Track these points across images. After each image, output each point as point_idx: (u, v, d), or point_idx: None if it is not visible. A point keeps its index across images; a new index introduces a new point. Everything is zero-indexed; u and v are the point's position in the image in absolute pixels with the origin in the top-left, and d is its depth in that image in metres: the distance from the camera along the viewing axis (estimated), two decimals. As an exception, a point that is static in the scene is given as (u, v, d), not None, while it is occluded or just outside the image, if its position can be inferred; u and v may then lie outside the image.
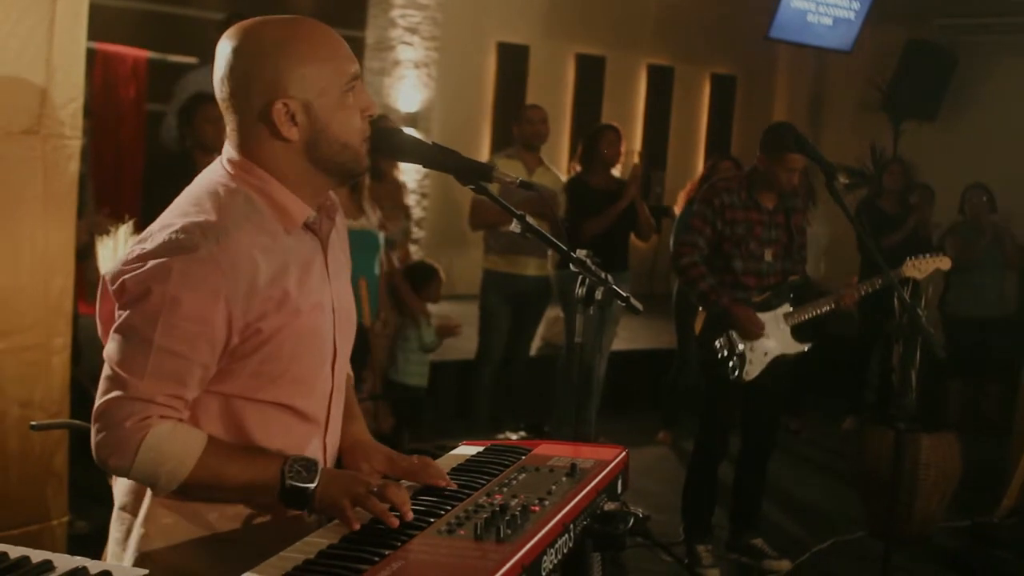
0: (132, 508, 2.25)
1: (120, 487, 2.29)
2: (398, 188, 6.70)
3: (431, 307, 6.87)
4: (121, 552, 2.26)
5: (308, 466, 2.14)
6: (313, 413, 2.28)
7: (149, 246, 2.10)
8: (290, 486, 2.12)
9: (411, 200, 9.19)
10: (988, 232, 8.63)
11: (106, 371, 2.13)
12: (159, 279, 2.06)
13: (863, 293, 5.59)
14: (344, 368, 2.41)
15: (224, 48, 2.20)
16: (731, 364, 5.44)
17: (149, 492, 2.21)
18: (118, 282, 2.11)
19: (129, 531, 2.25)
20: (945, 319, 8.86)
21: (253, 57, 2.17)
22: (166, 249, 2.08)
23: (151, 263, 2.07)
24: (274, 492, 2.14)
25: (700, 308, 5.57)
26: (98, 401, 2.12)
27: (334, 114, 2.18)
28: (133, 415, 2.08)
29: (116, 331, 2.11)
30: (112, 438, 2.10)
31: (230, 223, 2.12)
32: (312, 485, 2.12)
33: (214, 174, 2.24)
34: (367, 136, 2.25)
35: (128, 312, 2.10)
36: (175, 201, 2.21)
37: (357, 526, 2.06)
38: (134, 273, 2.09)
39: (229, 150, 2.24)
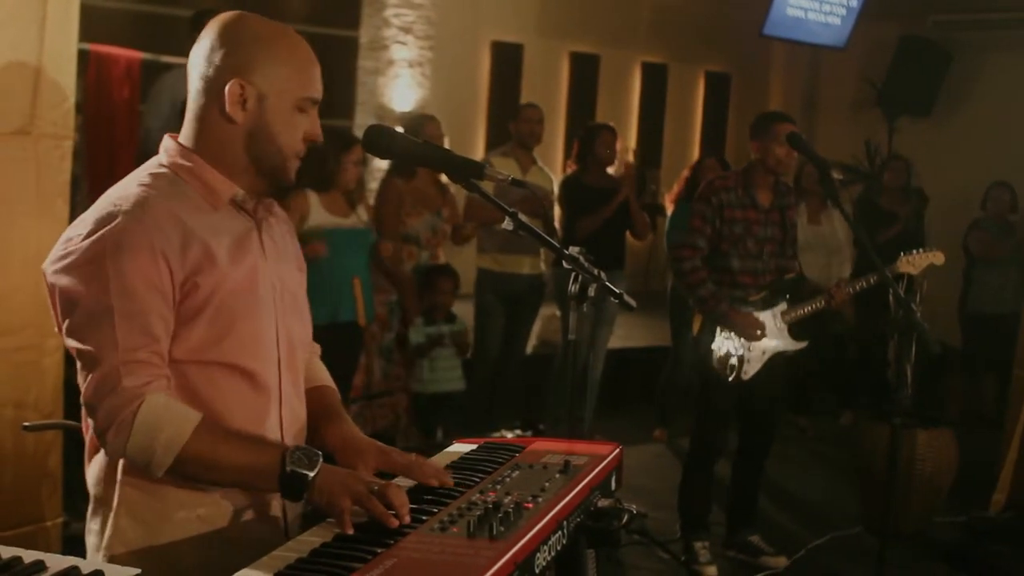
0: (106, 497, 2.26)
1: (92, 477, 2.30)
2: (431, 187, 6.68)
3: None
4: (99, 541, 2.27)
5: (309, 454, 2.15)
6: (263, 378, 2.29)
7: (81, 229, 2.17)
8: (291, 472, 2.12)
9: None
10: (1017, 230, 8.63)
11: (79, 363, 2.17)
12: (96, 255, 2.12)
13: (856, 290, 5.58)
14: (299, 349, 2.41)
15: (211, 26, 2.28)
16: (730, 364, 5.44)
17: (122, 476, 2.22)
18: (56, 271, 2.16)
19: (104, 520, 2.26)
20: (965, 316, 8.85)
21: (232, 38, 2.25)
22: (94, 227, 2.15)
23: (85, 243, 2.13)
24: (273, 478, 2.14)
25: (697, 312, 5.56)
26: (84, 387, 2.15)
27: (280, 117, 2.27)
28: (123, 378, 2.10)
29: (75, 323, 2.14)
30: (107, 408, 2.11)
31: (152, 194, 2.21)
32: (312, 473, 2.13)
33: (145, 165, 2.32)
34: (299, 156, 2.31)
35: (80, 300, 2.13)
36: (104, 193, 2.26)
37: (351, 530, 2.06)
38: (72, 260, 2.14)
39: (166, 140, 2.33)
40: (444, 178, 6.81)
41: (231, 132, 2.26)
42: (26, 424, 3.52)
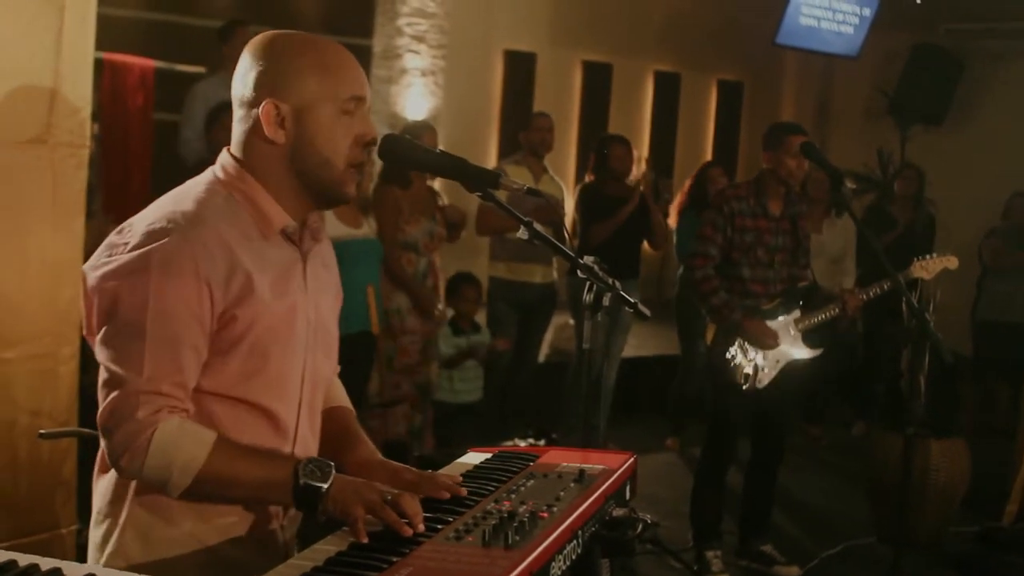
0: (112, 513, 2.26)
1: (100, 491, 2.29)
2: (425, 193, 6.69)
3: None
4: (99, 556, 2.27)
5: (322, 466, 2.15)
6: (284, 420, 2.28)
7: (129, 239, 2.14)
8: (304, 484, 2.12)
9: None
10: None
11: (103, 375, 2.14)
12: (140, 270, 2.10)
13: (870, 296, 5.58)
14: (320, 384, 2.41)
15: (245, 49, 2.27)
16: (744, 373, 5.44)
17: (129, 494, 2.22)
18: (97, 278, 2.14)
19: (108, 534, 2.26)
20: (976, 325, 8.83)
21: (261, 59, 2.23)
22: (143, 240, 2.12)
23: (131, 255, 2.11)
24: (287, 491, 2.14)
25: (710, 321, 5.56)
26: (102, 406, 2.13)
27: (323, 129, 2.22)
28: (140, 408, 2.09)
29: (108, 334, 2.13)
30: (122, 435, 2.10)
31: (206, 214, 2.18)
32: (325, 485, 2.12)
33: (202, 176, 2.29)
34: (357, 163, 2.26)
35: (116, 312, 2.11)
36: (159, 199, 2.25)
37: (365, 539, 2.06)
38: (114, 267, 2.12)
39: (224, 155, 2.30)
40: (436, 184, 6.87)
41: (275, 153, 2.23)
42: (42, 432, 3.54)
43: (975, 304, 8.84)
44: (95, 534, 2.30)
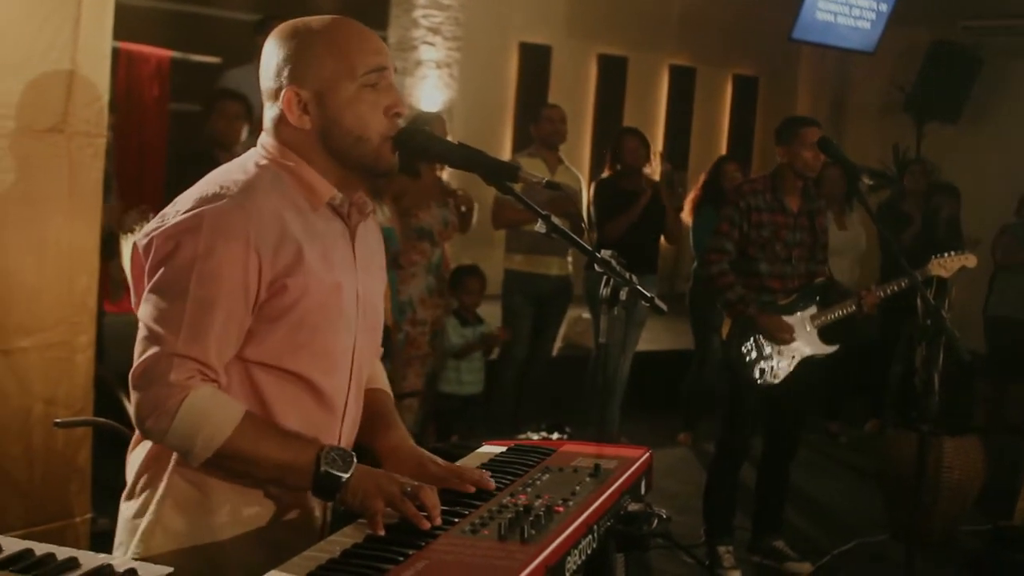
0: (150, 483, 2.25)
1: (135, 464, 2.28)
2: (435, 182, 6.69)
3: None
4: (128, 536, 2.25)
5: (344, 456, 2.15)
6: (331, 396, 2.28)
7: (180, 206, 2.15)
8: (325, 472, 2.12)
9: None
10: None
11: (142, 332, 2.13)
12: (191, 230, 2.10)
13: (886, 293, 5.57)
14: (366, 362, 2.41)
15: (266, 42, 2.29)
16: (760, 368, 5.43)
17: (171, 466, 2.21)
18: (148, 239, 2.14)
19: (142, 509, 2.25)
20: (988, 322, 8.80)
21: (279, 48, 2.25)
22: (196, 203, 2.13)
23: (182, 216, 2.12)
24: (307, 477, 2.14)
25: (726, 315, 5.54)
26: (136, 362, 2.12)
27: (348, 107, 2.22)
28: (173, 370, 2.08)
29: (150, 290, 2.13)
30: (152, 396, 2.09)
31: (258, 185, 2.19)
32: (346, 475, 2.12)
33: (247, 155, 2.31)
34: (390, 134, 2.26)
35: (162, 269, 2.11)
36: (205, 176, 2.25)
37: (382, 532, 2.06)
38: (165, 227, 2.12)
39: (264, 136, 2.31)
40: (444, 174, 6.87)
41: (305, 138, 2.24)
42: (57, 420, 3.55)
43: (987, 300, 8.81)
44: (128, 507, 2.28)
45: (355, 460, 2.16)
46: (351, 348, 2.31)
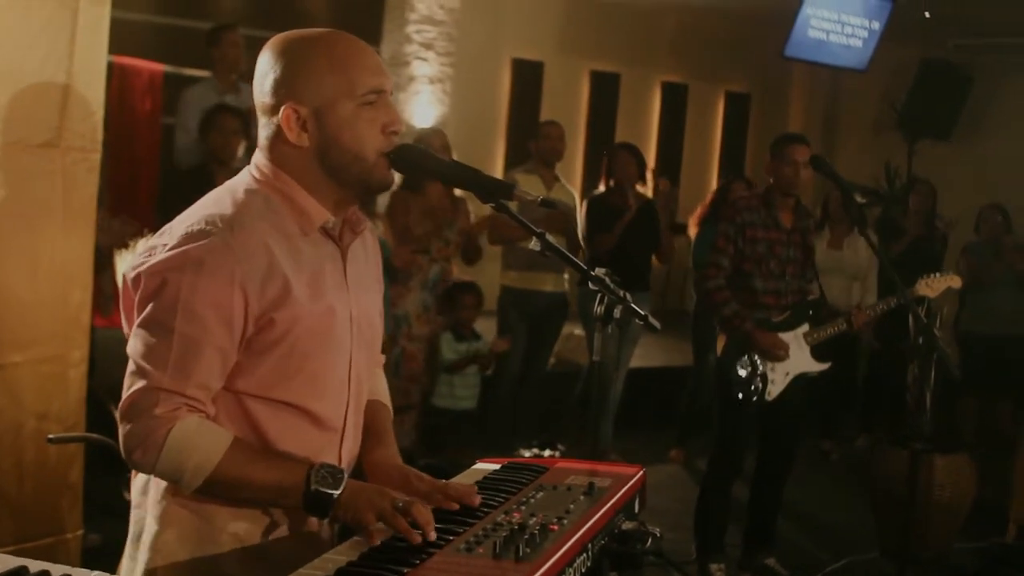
0: (148, 506, 2.26)
1: (139, 486, 2.30)
2: (443, 200, 6.70)
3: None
4: (134, 551, 2.27)
5: (334, 473, 2.15)
6: (328, 419, 2.28)
7: (167, 240, 2.15)
8: (315, 491, 2.12)
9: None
10: (1007, 253, 8.62)
11: (130, 367, 2.15)
12: (176, 268, 2.11)
13: (877, 312, 5.58)
14: (364, 379, 2.40)
15: (260, 55, 2.26)
16: (754, 385, 5.44)
17: (169, 491, 2.22)
18: (136, 274, 2.15)
19: (145, 529, 2.26)
20: (959, 337, 8.85)
21: (276, 62, 2.23)
22: (182, 240, 2.13)
23: (168, 253, 2.12)
24: (298, 496, 2.14)
25: (720, 331, 5.56)
26: (124, 396, 2.14)
27: (346, 125, 2.21)
28: (159, 404, 2.10)
29: (139, 325, 2.14)
30: (139, 429, 2.11)
31: (245, 216, 2.18)
32: (337, 492, 2.12)
33: (239, 177, 2.30)
34: (383, 152, 2.25)
35: (149, 305, 2.13)
36: (198, 201, 2.25)
37: (377, 541, 2.06)
38: (151, 263, 2.13)
39: (258, 155, 2.29)
40: (459, 192, 6.86)
41: (303, 156, 2.22)
42: (51, 436, 3.54)
43: (956, 317, 8.86)
44: (133, 528, 2.29)
45: (345, 476, 2.16)
46: (347, 368, 2.31)
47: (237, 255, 2.12)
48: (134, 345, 2.15)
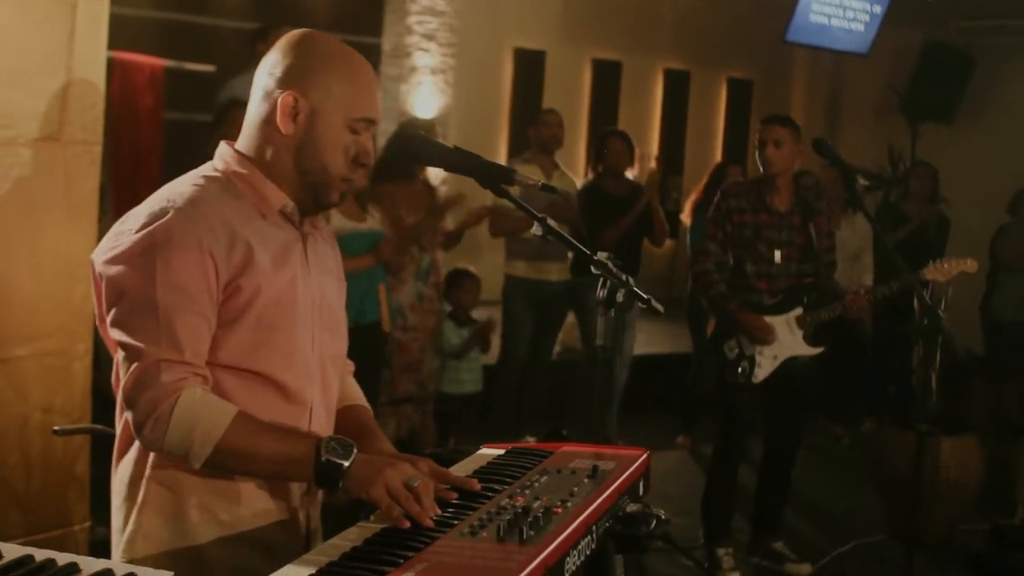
0: (130, 493, 2.29)
1: (119, 477, 2.32)
2: (422, 188, 6.69)
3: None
4: (119, 539, 2.30)
5: (343, 444, 2.18)
6: (296, 390, 2.31)
7: (132, 224, 2.20)
8: (326, 460, 2.15)
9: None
10: None
11: (122, 352, 2.19)
12: (146, 248, 2.15)
13: (877, 297, 5.55)
14: (331, 362, 2.42)
15: (279, 41, 2.34)
16: (740, 367, 5.46)
17: (149, 472, 2.25)
18: (105, 260, 2.19)
19: (128, 516, 2.28)
20: (986, 322, 8.79)
21: (296, 52, 2.30)
22: (146, 221, 2.18)
23: (136, 236, 2.17)
24: (308, 467, 2.16)
25: (711, 313, 5.59)
26: (124, 380, 2.17)
27: (329, 136, 2.28)
28: (163, 373, 2.13)
29: (120, 311, 2.17)
30: (145, 402, 2.13)
31: (204, 195, 2.24)
32: (347, 462, 2.15)
33: (198, 169, 2.35)
34: (348, 178, 2.32)
35: (126, 289, 2.16)
36: (158, 189, 2.30)
37: (397, 512, 2.09)
38: (121, 249, 2.17)
39: (222, 147, 2.36)
40: (433, 180, 6.87)
41: (281, 142, 2.29)
42: (56, 428, 3.55)
43: (984, 302, 8.79)
44: (116, 519, 2.32)
45: (355, 448, 2.18)
46: (310, 344, 2.34)
47: (199, 225, 2.18)
48: (120, 332, 2.17)
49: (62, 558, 1.91)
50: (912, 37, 12.11)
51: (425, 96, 10.62)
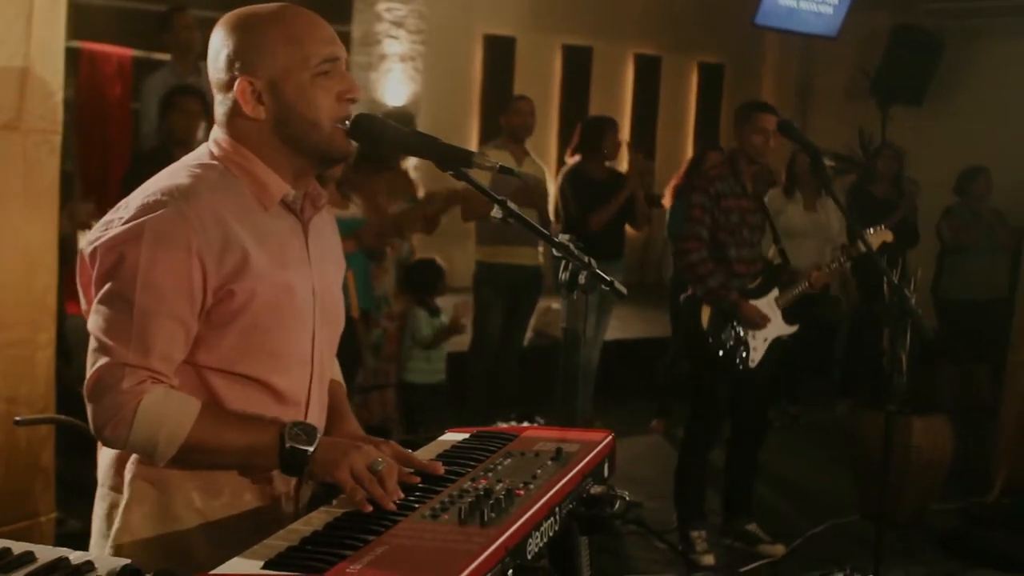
0: (116, 485, 2.26)
1: (104, 463, 2.29)
2: (401, 175, 6.67)
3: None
4: (106, 529, 2.26)
5: (307, 429, 2.17)
6: (289, 393, 2.28)
7: (123, 213, 2.15)
8: (290, 447, 2.13)
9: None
10: (986, 215, 8.64)
11: (92, 344, 2.15)
12: (132, 240, 2.10)
13: (830, 270, 5.66)
14: (327, 355, 2.40)
15: (213, 33, 2.26)
16: (740, 354, 5.48)
17: (133, 468, 2.22)
18: (93, 248, 2.14)
19: (113, 507, 2.25)
20: (937, 302, 8.86)
21: (229, 38, 2.23)
22: (138, 212, 2.12)
23: (125, 226, 2.11)
24: (274, 455, 2.15)
25: (706, 303, 5.55)
26: (88, 373, 2.13)
27: (301, 94, 2.21)
28: (125, 379, 2.09)
29: (99, 301, 2.13)
30: (107, 406, 2.10)
31: (201, 187, 2.18)
32: (311, 448, 2.14)
33: (196, 152, 2.30)
34: (343, 119, 2.25)
35: (107, 280, 2.12)
36: (153, 176, 2.24)
37: (360, 495, 2.08)
38: (108, 237, 2.12)
39: (216, 131, 2.29)
40: (411, 169, 6.85)
41: (260, 128, 2.23)
42: (17, 419, 3.52)
43: (935, 282, 8.86)
44: (99, 506, 2.29)
45: (319, 433, 2.17)
46: (309, 344, 2.31)
47: (193, 225, 2.12)
48: (95, 321, 2.14)
49: (17, 547, 1.90)
50: (881, 20, 12.13)
51: (395, 84, 10.59)
